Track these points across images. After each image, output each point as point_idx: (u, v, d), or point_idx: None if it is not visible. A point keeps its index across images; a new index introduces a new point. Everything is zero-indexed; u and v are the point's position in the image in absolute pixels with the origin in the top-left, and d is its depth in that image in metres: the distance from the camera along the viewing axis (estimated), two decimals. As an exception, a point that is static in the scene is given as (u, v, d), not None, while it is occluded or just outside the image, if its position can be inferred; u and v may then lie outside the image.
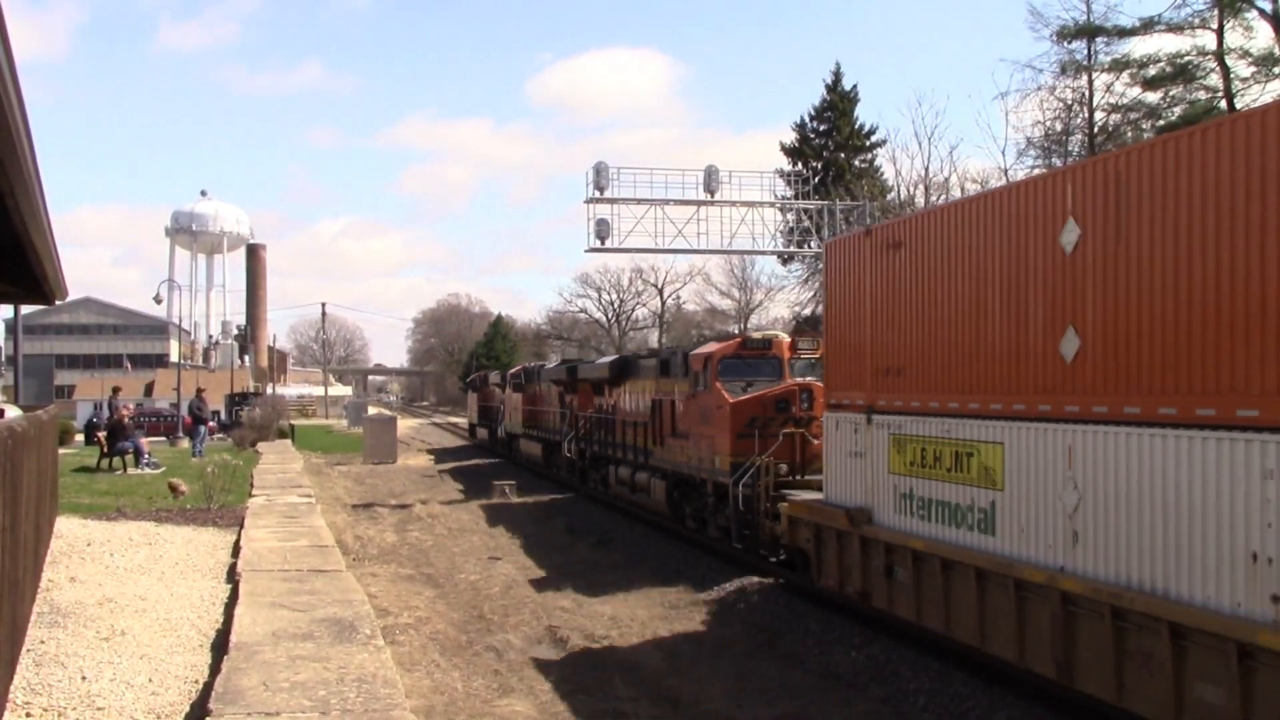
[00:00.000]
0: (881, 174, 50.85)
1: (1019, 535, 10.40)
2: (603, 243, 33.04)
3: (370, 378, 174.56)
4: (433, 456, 50.32)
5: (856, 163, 52.49)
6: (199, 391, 38.31)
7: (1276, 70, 35.04)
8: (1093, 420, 9.37)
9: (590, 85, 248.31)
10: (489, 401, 51.78)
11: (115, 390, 35.14)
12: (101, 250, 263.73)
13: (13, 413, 14.03)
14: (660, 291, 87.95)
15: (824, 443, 14.69)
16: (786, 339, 20.68)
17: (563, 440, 32.64)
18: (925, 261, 12.19)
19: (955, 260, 11.59)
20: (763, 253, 33.83)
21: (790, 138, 54.95)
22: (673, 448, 22.16)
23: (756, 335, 21.69)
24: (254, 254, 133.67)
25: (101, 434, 29.19)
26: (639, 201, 32.93)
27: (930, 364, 11.96)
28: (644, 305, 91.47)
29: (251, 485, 20.89)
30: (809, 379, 19.16)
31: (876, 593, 13.12)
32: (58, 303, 15.32)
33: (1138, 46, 41.47)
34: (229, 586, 11.49)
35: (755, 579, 17.08)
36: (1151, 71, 36.92)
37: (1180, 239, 8.51)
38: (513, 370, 46.02)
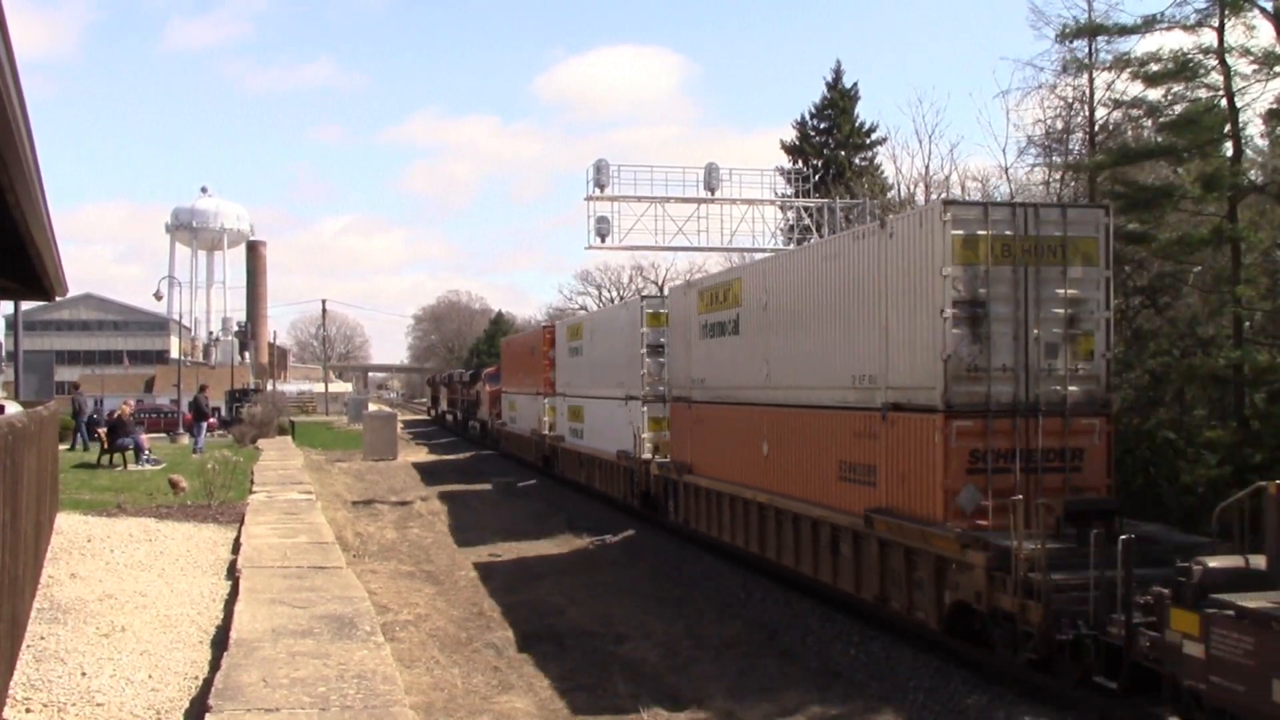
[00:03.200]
0: (882, 172, 50.66)
1: None
2: (603, 240, 33.00)
3: (370, 374, 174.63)
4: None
5: (857, 161, 52.34)
6: (203, 387, 38.29)
7: (1277, 69, 34.94)
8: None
9: (598, 82, 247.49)
10: (437, 393, 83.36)
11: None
12: (103, 246, 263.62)
13: (13, 409, 14.03)
14: (660, 289, 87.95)
15: None
16: None
17: (456, 411, 66.16)
18: None
19: None
20: (763, 250, 33.72)
21: (791, 135, 54.92)
22: (481, 410, 52.12)
23: None
24: (254, 251, 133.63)
25: (102, 430, 29.21)
26: (639, 199, 32.92)
27: None
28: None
29: (252, 482, 20.92)
30: None
31: None
32: (58, 299, 15.32)
33: (1139, 44, 41.28)
34: (229, 583, 11.50)
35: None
36: (1155, 68, 36.74)
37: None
38: (443, 375, 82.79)
